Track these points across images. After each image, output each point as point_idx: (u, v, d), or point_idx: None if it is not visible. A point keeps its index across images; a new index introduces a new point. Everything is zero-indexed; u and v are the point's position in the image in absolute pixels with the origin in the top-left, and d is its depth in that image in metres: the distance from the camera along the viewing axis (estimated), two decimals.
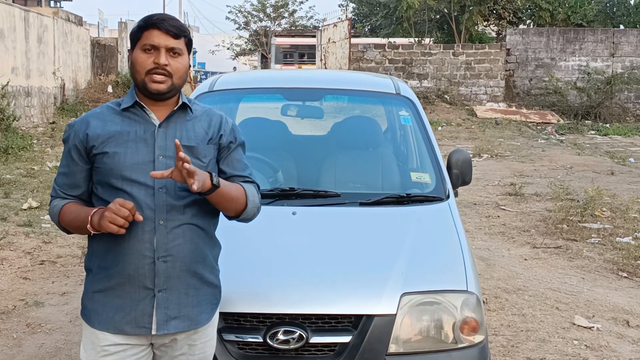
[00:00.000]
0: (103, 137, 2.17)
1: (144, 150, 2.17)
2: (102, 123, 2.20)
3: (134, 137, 2.17)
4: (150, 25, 2.16)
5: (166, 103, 2.22)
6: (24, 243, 6.59)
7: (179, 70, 2.18)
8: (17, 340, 4.38)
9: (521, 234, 7.45)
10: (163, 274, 2.15)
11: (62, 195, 2.25)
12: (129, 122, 2.20)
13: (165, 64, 2.14)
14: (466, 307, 2.69)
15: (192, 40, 2.27)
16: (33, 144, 13.00)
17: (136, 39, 2.19)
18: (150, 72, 2.14)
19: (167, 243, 2.15)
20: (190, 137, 2.22)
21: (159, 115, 2.21)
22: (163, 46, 2.14)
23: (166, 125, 2.20)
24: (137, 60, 2.17)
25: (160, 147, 2.17)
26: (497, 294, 5.36)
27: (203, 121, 2.28)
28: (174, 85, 2.18)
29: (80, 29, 20.96)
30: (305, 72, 7.39)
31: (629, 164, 12.91)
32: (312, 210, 3.22)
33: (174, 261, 2.16)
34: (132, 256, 2.13)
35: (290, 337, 2.56)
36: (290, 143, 4.17)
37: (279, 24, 37.64)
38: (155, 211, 2.13)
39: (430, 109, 19.80)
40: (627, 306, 5.19)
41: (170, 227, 2.15)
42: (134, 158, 2.15)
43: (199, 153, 2.21)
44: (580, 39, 21.30)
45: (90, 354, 2.21)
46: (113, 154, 2.15)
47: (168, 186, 2.15)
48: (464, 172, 3.60)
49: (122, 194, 2.13)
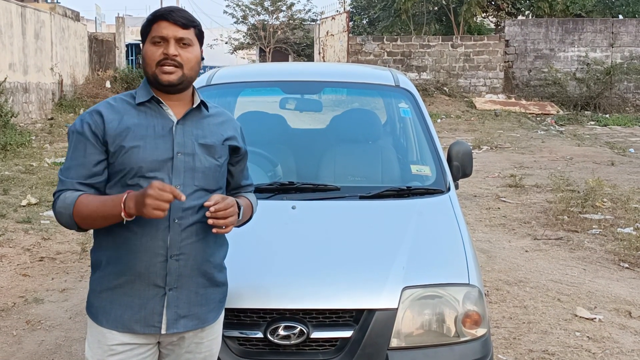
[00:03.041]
0: (120, 130, 2.11)
1: (163, 146, 2.12)
2: (118, 116, 2.14)
3: (152, 133, 2.13)
4: (158, 17, 2.13)
5: (180, 98, 2.18)
6: (23, 240, 6.57)
7: (190, 61, 2.14)
8: (17, 338, 4.36)
9: (522, 226, 7.43)
10: (175, 272, 2.12)
11: (77, 187, 2.11)
12: (145, 117, 2.15)
13: (174, 55, 2.10)
14: (468, 301, 2.66)
15: (203, 32, 2.22)
16: (31, 140, 12.97)
17: (146, 33, 2.16)
18: (160, 64, 2.11)
19: (181, 241, 2.12)
20: (206, 135, 2.20)
21: (174, 112, 2.17)
22: (172, 37, 2.11)
23: (183, 122, 2.17)
24: (147, 52, 2.14)
25: (179, 144, 2.14)
26: (498, 286, 5.34)
27: (217, 121, 2.26)
28: (186, 77, 2.14)
29: (77, 25, 20.89)
30: (303, 64, 7.35)
31: (629, 155, 12.89)
32: (311, 204, 3.18)
33: (186, 260, 2.14)
34: (144, 254, 2.10)
35: (291, 333, 2.53)
36: (289, 137, 4.14)
37: (277, 17, 37.52)
38: (171, 209, 2.07)
39: (429, 101, 19.77)
40: (629, 297, 5.17)
41: (184, 225, 2.12)
42: (153, 154, 2.11)
43: (215, 152, 2.20)
44: (579, 29, 21.25)
45: (97, 352, 2.17)
46: (130, 149, 2.10)
47: (185, 184, 2.12)
48: (465, 164, 3.56)
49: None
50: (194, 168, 2.15)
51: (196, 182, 2.14)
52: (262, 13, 37.57)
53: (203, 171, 2.16)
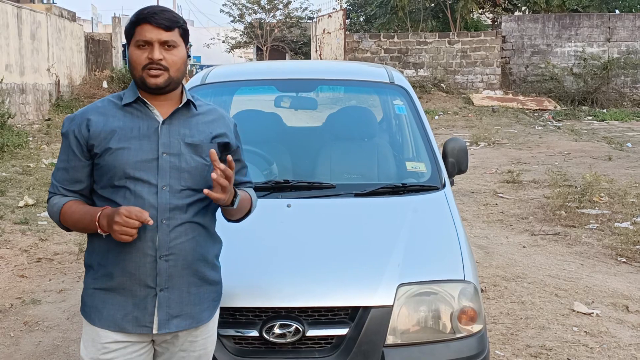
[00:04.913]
0: (105, 133, 2.12)
1: (148, 147, 2.12)
2: (103, 118, 2.15)
3: (137, 134, 2.13)
4: (141, 20, 2.11)
5: (168, 98, 2.18)
6: (20, 241, 6.56)
7: (175, 63, 2.13)
8: (15, 339, 4.36)
9: (519, 222, 7.43)
10: (165, 272, 2.12)
11: (62, 191, 2.19)
12: (131, 118, 2.15)
13: (159, 59, 2.09)
14: (464, 297, 2.66)
15: (188, 30, 2.21)
16: (29, 141, 12.94)
17: (130, 35, 2.15)
18: (146, 68, 2.10)
19: (169, 242, 2.12)
20: (194, 134, 2.18)
21: (162, 112, 2.17)
22: (156, 40, 2.09)
23: (170, 122, 2.16)
24: (132, 56, 2.13)
25: (164, 144, 2.13)
26: (496, 282, 5.35)
27: (207, 119, 2.24)
28: (172, 79, 2.13)
29: (73, 25, 20.86)
30: (298, 62, 7.34)
31: (627, 149, 12.89)
32: (306, 203, 3.18)
33: (175, 260, 2.13)
34: (133, 255, 2.10)
35: (287, 331, 2.54)
36: (284, 135, 4.13)
37: (274, 15, 37.48)
38: (158, 209, 2.09)
39: (426, 98, 19.76)
40: (626, 291, 5.18)
41: (172, 225, 2.12)
42: (137, 155, 2.11)
43: (202, 151, 2.18)
44: (575, 24, 21.24)
45: (91, 351, 2.19)
46: (116, 151, 2.10)
47: (171, 184, 2.12)
48: (460, 161, 3.56)
49: (124, 191, 2.09)
50: (180, 168, 2.14)
51: (183, 182, 2.14)
52: (258, 11, 37.52)
53: (189, 171, 2.15)
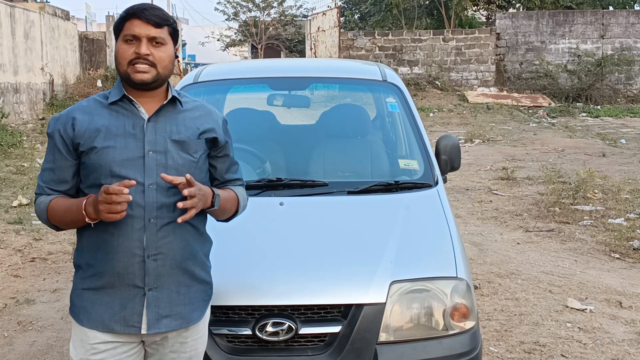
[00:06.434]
0: (90, 132, 2.11)
1: (134, 145, 2.11)
2: (89, 117, 2.14)
3: (123, 132, 2.12)
4: (131, 15, 2.10)
5: (154, 95, 2.16)
6: (14, 240, 6.55)
7: (163, 60, 2.12)
8: (9, 339, 4.35)
9: (514, 218, 7.45)
10: (153, 272, 2.11)
11: (48, 191, 2.17)
12: (117, 116, 2.14)
13: (146, 54, 2.08)
14: (456, 294, 2.67)
15: (178, 30, 2.20)
16: (23, 140, 12.91)
17: (119, 31, 2.14)
18: (132, 63, 2.09)
19: (157, 241, 2.10)
20: (180, 131, 2.17)
21: (147, 109, 2.15)
22: (144, 36, 2.09)
23: (155, 119, 2.15)
24: (119, 51, 2.12)
25: (150, 142, 2.12)
26: (490, 279, 5.36)
27: (194, 115, 2.23)
28: (159, 76, 2.12)
29: (67, 24, 20.78)
30: (291, 61, 7.33)
31: (620, 146, 12.93)
32: (299, 201, 3.18)
33: (164, 259, 2.12)
34: (121, 254, 2.09)
35: (280, 329, 2.54)
36: (278, 133, 4.13)
37: (268, 13, 37.46)
38: (145, 209, 2.08)
39: (421, 96, 19.78)
40: (619, 287, 5.20)
41: (160, 224, 2.10)
42: (123, 154, 2.09)
43: (189, 148, 2.17)
44: (569, 21, 21.27)
45: (80, 351, 2.18)
46: (101, 150, 2.09)
47: (158, 183, 2.10)
48: (453, 158, 3.56)
49: None
50: (167, 165, 2.13)
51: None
52: (253, 9, 37.52)
53: (176, 168, 2.13)
